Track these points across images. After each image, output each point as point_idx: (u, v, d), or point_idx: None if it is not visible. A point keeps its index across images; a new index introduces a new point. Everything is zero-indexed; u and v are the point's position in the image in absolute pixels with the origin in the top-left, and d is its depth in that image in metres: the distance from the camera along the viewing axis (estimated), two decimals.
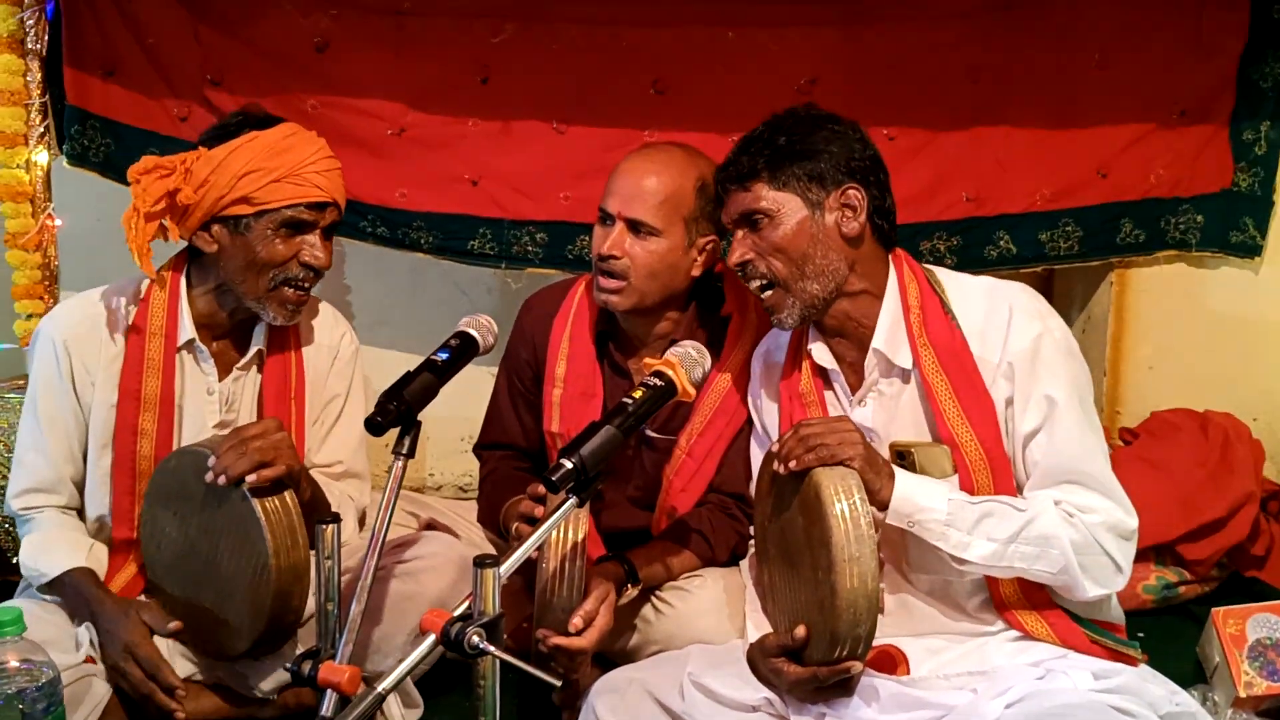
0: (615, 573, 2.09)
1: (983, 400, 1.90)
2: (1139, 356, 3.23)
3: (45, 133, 2.94)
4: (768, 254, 1.97)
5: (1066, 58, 2.96)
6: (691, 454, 2.28)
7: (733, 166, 2.01)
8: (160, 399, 2.13)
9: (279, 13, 2.92)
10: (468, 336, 1.99)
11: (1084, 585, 1.85)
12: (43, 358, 2.14)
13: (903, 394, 1.98)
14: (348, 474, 2.32)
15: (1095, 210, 3.06)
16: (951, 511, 1.81)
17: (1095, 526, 1.84)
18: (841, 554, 1.69)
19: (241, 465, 1.87)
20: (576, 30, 2.93)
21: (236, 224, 2.09)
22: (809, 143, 1.96)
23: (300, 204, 2.09)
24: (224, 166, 2.05)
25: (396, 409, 1.81)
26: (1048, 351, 1.90)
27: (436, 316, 3.43)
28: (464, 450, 3.40)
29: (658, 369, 1.82)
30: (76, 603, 2.04)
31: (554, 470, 1.66)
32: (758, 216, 1.97)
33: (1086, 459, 1.88)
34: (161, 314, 2.15)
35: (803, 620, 1.80)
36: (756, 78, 2.94)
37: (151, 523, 2.04)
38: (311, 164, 2.11)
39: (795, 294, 1.96)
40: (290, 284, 2.12)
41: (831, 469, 1.76)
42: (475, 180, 3.01)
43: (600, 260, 2.23)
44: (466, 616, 1.50)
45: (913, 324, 1.95)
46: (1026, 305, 1.95)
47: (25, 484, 2.15)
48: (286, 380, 2.22)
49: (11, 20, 2.87)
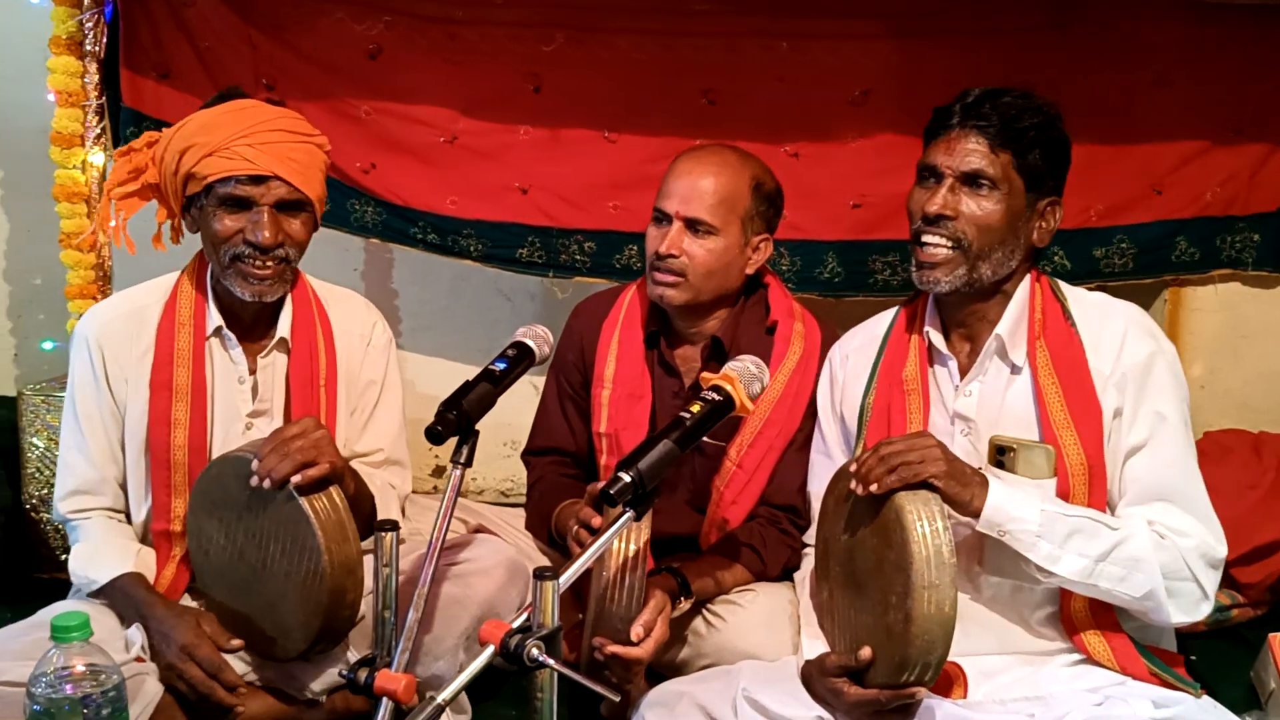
0: (668, 585, 2.08)
1: (1091, 407, 1.88)
2: (1191, 376, 3.16)
3: (101, 134, 2.98)
4: (973, 220, 1.92)
5: (1123, 75, 2.94)
6: (742, 466, 2.27)
7: (985, 121, 1.92)
8: (192, 389, 2.12)
9: (333, 20, 2.94)
10: (524, 347, 1.99)
11: (1168, 611, 1.83)
12: (78, 359, 2.16)
13: (1009, 389, 1.96)
14: (389, 461, 2.31)
15: (1149, 227, 3.03)
16: (1044, 523, 1.79)
17: (1187, 551, 1.82)
18: (920, 580, 1.67)
19: (285, 467, 1.87)
20: (628, 40, 2.94)
21: (194, 203, 2.10)
22: (1052, 142, 1.96)
23: (231, 177, 2.03)
24: (170, 145, 2.06)
25: (456, 418, 1.81)
26: (1160, 369, 1.90)
27: (480, 322, 3.45)
28: (506, 455, 3.42)
29: (716, 383, 1.81)
30: (127, 607, 2.04)
31: (611, 484, 1.65)
32: (988, 184, 1.92)
33: (1186, 480, 1.88)
34: (189, 305, 2.15)
35: (867, 642, 1.78)
36: (809, 89, 2.95)
37: (197, 531, 2.04)
38: (244, 136, 2.03)
39: (970, 266, 1.94)
40: (240, 260, 2.07)
41: (914, 492, 1.74)
42: (525, 189, 3.02)
43: (658, 259, 2.25)
44: (525, 628, 1.50)
45: (1034, 324, 1.96)
46: (1142, 322, 1.96)
47: (70, 485, 2.16)
48: (314, 368, 2.20)
49: (71, 23, 2.91)
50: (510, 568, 2.14)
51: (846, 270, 3.04)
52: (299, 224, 2.12)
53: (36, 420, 2.95)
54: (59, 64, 2.92)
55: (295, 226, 2.11)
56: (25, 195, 3.43)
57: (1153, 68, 2.95)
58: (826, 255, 3.04)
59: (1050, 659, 1.93)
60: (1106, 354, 1.92)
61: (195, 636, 1.96)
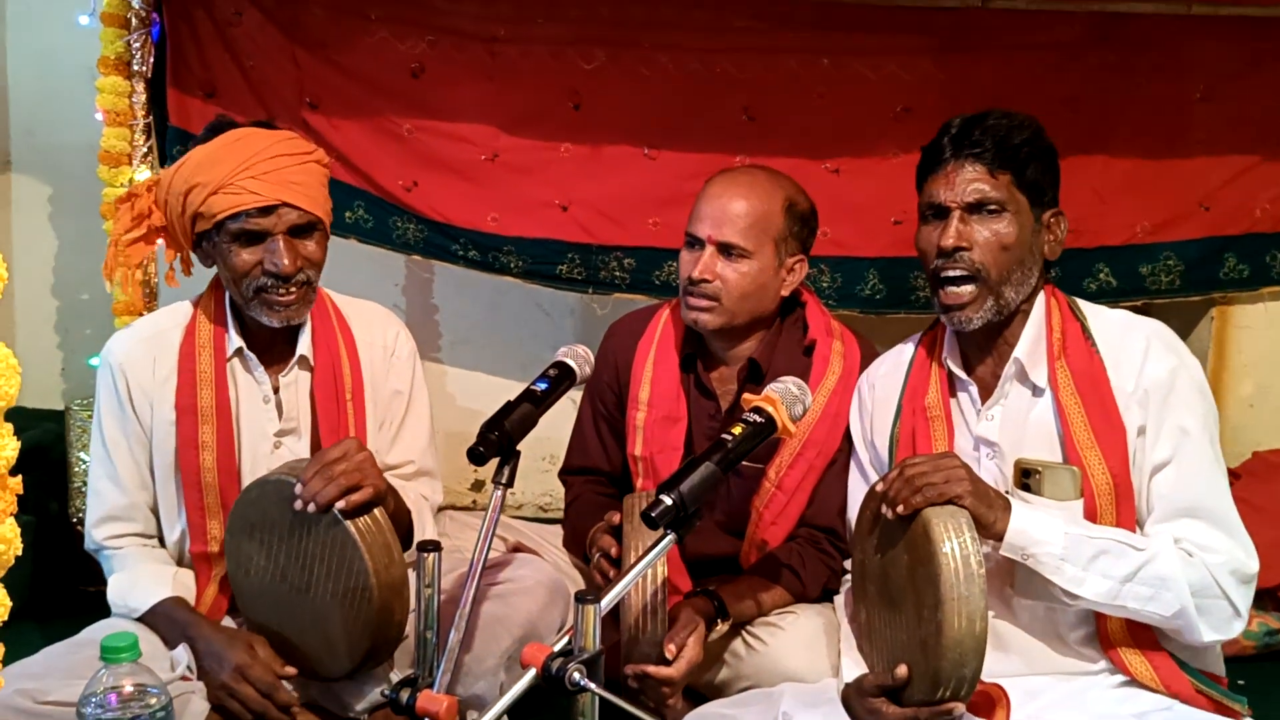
0: (705, 608, 2.07)
1: (1115, 426, 1.87)
2: (1240, 395, 3.15)
3: (148, 152, 3.02)
4: (990, 248, 1.92)
5: (1169, 89, 2.91)
6: (781, 487, 2.26)
7: (978, 147, 1.93)
8: (216, 411, 2.12)
9: (376, 39, 2.97)
10: (565, 366, 2.00)
11: (1199, 629, 1.81)
12: (104, 385, 2.17)
13: (1032, 411, 1.95)
14: (420, 473, 2.31)
15: (1197, 244, 2.99)
16: (1068, 546, 1.78)
17: (1216, 567, 1.80)
18: (950, 593, 1.66)
19: (331, 492, 1.87)
20: (668, 57, 2.94)
21: (205, 239, 2.09)
22: (1044, 155, 1.97)
23: (240, 213, 2.03)
24: (171, 188, 2.06)
25: (498, 439, 1.81)
26: (1183, 385, 1.88)
27: (519, 337, 3.47)
28: (544, 470, 3.42)
29: (758, 405, 1.80)
30: (172, 630, 2.04)
31: (653, 506, 1.65)
32: (995, 208, 1.93)
33: (1212, 495, 1.85)
34: (208, 327, 2.16)
35: (903, 659, 1.78)
36: (849, 105, 2.94)
37: (236, 553, 2.04)
38: (245, 169, 2.02)
39: (995, 295, 1.94)
40: (264, 291, 2.07)
41: (941, 507, 1.74)
42: (565, 205, 3.03)
43: (691, 284, 2.24)
44: (567, 652, 1.50)
45: (1054, 344, 1.94)
46: (1164, 337, 1.94)
47: (101, 512, 2.16)
48: (339, 382, 2.20)
49: (119, 43, 2.95)
50: (552, 588, 2.14)
51: (888, 287, 3.02)
52: (313, 244, 2.12)
53: (84, 435, 2.98)
54: (107, 84, 2.96)
55: (310, 248, 2.11)
56: (74, 212, 3.48)
57: (1199, 82, 2.92)
58: (868, 272, 3.02)
59: (1093, 679, 1.90)
60: (1128, 371, 1.90)
61: (249, 657, 1.97)
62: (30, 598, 2.81)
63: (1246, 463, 3.00)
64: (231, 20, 2.97)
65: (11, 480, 1.11)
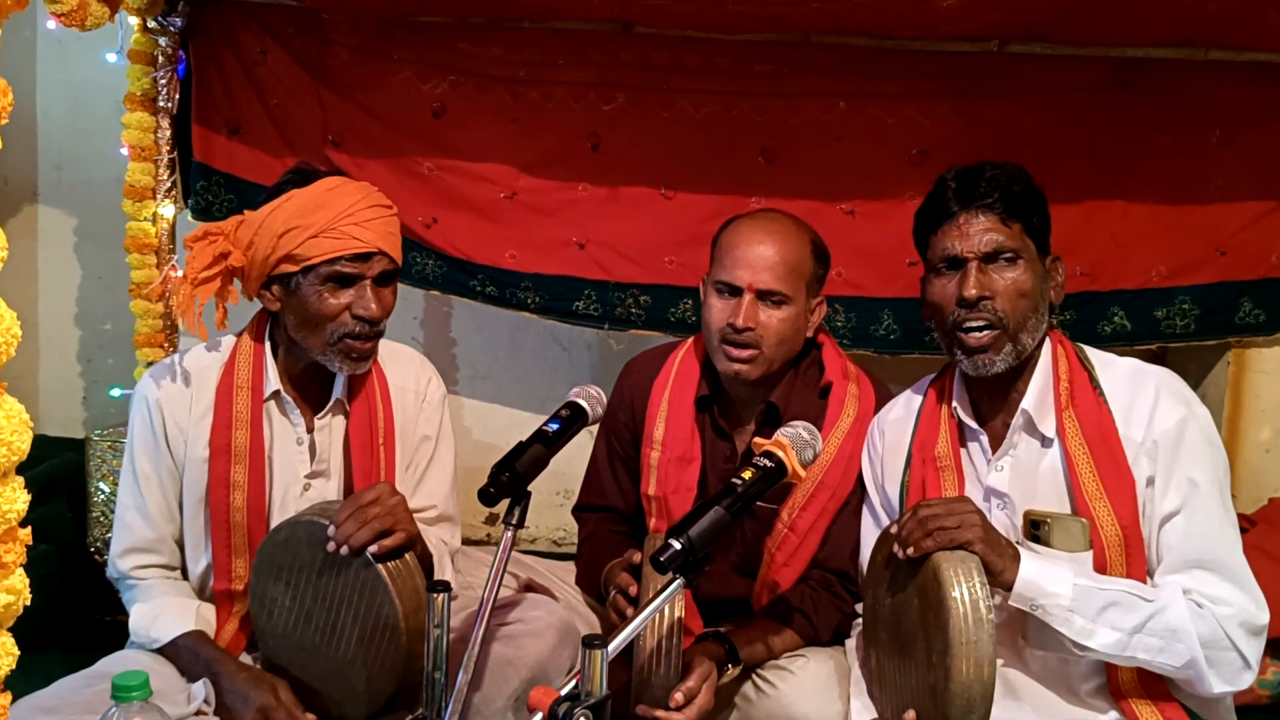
0: (715, 652, 2.06)
1: (1124, 477, 1.86)
2: (1257, 440, 3.13)
3: (172, 187, 3.07)
4: (1009, 296, 1.93)
5: (1186, 135, 2.92)
6: (794, 529, 2.25)
7: (989, 198, 1.95)
8: (250, 451, 2.13)
9: (400, 79, 3.02)
10: (578, 407, 2.00)
11: (1209, 681, 1.79)
12: (138, 417, 2.18)
13: (1041, 461, 1.95)
14: (441, 518, 2.32)
15: (1213, 289, 2.99)
16: (1076, 597, 1.77)
17: (1226, 619, 1.79)
18: (959, 638, 1.66)
19: (364, 535, 1.87)
20: (688, 100, 2.98)
21: (288, 282, 2.09)
22: (1042, 205, 1.99)
23: (340, 257, 2.05)
24: (265, 228, 2.06)
25: (509, 480, 1.82)
26: (1192, 435, 1.87)
27: (537, 371, 3.49)
28: (559, 505, 3.43)
29: (768, 449, 1.81)
30: (194, 664, 2.05)
31: (662, 550, 1.65)
32: (1011, 256, 1.94)
33: (1222, 546, 1.84)
34: (247, 368, 2.17)
35: (912, 704, 1.77)
36: (866, 148, 2.96)
37: (261, 595, 2.04)
38: (348, 215, 2.06)
39: (1014, 341, 1.94)
40: (350, 337, 2.09)
41: (952, 553, 1.74)
42: (582, 243, 3.05)
43: (735, 333, 2.21)
44: (574, 696, 1.50)
45: (1061, 394, 1.94)
46: (1173, 388, 1.93)
47: (127, 543, 2.17)
48: (373, 427, 2.21)
49: (146, 80, 3.00)
50: (562, 630, 2.14)
51: (903, 328, 3.03)
52: (389, 293, 2.16)
53: (103, 465, 3.02)
54: (133, 119, 3.01)
55: (388, 296, 2.15)
56: (98, 244, 3.53)
57: (1217, 128, 2.92)
58: (882, 312, 3.03)
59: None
60: (1138, 421, 1.89)
61: (273, 699, 1.96)
62: (46, 627, 2.83)
63: (1263, 509, 2.98)
64: (257, 59, 3.03)
65: (21, 531, 1.12)
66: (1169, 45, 2.85)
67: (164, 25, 2.96)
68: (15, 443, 1.06)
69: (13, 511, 1.09)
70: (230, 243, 2.08)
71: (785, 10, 2.69)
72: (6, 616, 1.12)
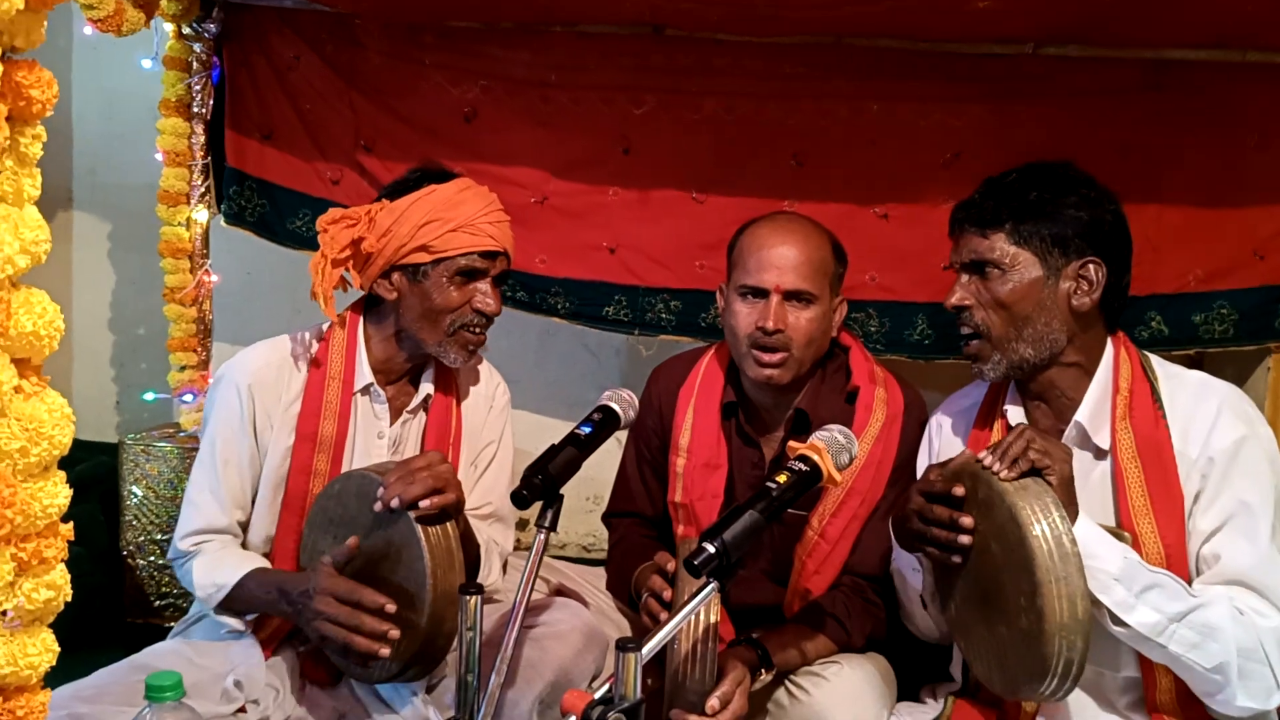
0: (748, 657, 2.05)
1: (1174, 496, 1.83)
2: None
3: (205, 192, 3.09)
4: (988, 306, 1.94)
5: (1222, 137, 2.87)
6: (825, 535, 2.24)
7: (975, 209, 1.97)
8: (334, 441, 2.19)
9: (430, 84, 3.03)
10: (610, 411, 2.00)
11: (1235, 690, 1.75)
12: (225, 402, 2.20)
13: (1092, 472, 1.92)
14: (495, 516, 2.35)
15: (1251, 293, 2.94)
16: (1124, 569, 1.73)
17: (1265, 632, 1.75)
18: (1046, 575, 1.62)
19: (415, 490, 1.91)
20: (718, 103, 2.96)
21: (415, 272, 2.17)
22: (1060, 204, 1.93)
23: (474, 252, 2.17)
24: (405, 216, 2.14)
25: (541, 483, 1.82)
26: (1248, 455, 1.83)
27: (566, 377, 3.48)
28: (589, 510, 3.42)
29: (803, 453, 1.79)
30: (264, 590, 2.06)
31: (696, 554, 1.65)
32: (989, 267, 1.94)
33: (1267, 570, 1.80)
34: (340, 359, 2.22)
35: (1007, 656, 1.71)
36: (899, 151, 2.94)
37: (311, 547, 2.09)
38: (484, 215, 2.19)
39: (1004, 352, 1.94)
40: (466, 329, 2.19)
41: (1025, 490, 1.69)
42: (613, 248, 3.05)
43: (765, 335, 2.20)
44: (607, 700, 1.50)
45: (1119, 405, 1.91)
46: (1236, 405, 1.89)
47: (196, 525, 2.18)
48: (447, 426, 2.29)
49: (180, 86, 3.03)
50: (587, 633, 2.14)
51: (937, 333, 3.00)
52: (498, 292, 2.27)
53: (136, 469, 3.04)
54: (168, 125, 3.04)
55: (499, 295, 2.27)
56: (132, 249, 3.57)
57: (1254, 130, 2.88)
58: (917, 317, 3.01)
59: None
60: (1195, 438, 1.86)
61: (330, 578, 1.95)
62: (78, 630, 2.84)
63: None
64: (290, 65, 3.05)
65: (63, 527, 1.12)
66: (1205, 47, 2.81)
67: (198, 31, 2.99)
68: (57, 437, 1.07)
69: (54, 506, 1.09)
70: (366, 228, 2.15)
71: (817, 14, 2.67)
72: (47, 612, 1.12)
